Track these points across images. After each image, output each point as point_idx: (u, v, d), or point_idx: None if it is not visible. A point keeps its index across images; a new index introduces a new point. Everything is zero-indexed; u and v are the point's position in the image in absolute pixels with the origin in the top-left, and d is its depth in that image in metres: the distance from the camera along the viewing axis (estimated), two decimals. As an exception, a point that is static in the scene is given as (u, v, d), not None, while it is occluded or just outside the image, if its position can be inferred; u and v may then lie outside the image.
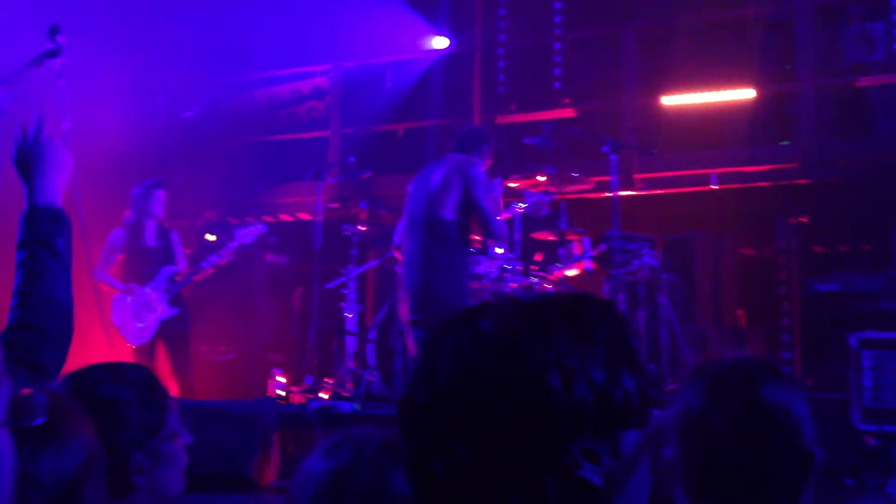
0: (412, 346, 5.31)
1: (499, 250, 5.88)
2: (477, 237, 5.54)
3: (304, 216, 7.96)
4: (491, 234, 5.29)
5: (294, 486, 1.62)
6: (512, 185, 6.32)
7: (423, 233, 5.21)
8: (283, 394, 5.94)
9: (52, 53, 3.94)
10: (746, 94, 7.42)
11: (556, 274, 6.01)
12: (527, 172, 6.29)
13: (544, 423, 0.99)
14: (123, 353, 6.06)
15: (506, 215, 6.16)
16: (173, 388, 6.11)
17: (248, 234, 6.40)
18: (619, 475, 1.02)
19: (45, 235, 2.02)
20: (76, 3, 6.71)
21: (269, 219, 8.35)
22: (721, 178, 7.38)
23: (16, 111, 3.97)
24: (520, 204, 6.09)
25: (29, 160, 2.11)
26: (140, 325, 6.17)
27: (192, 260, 6.50)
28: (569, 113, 7.76)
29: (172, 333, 6.26)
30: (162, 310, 6.22)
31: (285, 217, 8.39)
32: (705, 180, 7.41)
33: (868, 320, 5.25)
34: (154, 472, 1.72)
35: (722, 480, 1.60)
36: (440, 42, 8.30)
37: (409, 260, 5.25)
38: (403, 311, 5.28)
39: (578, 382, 1.00)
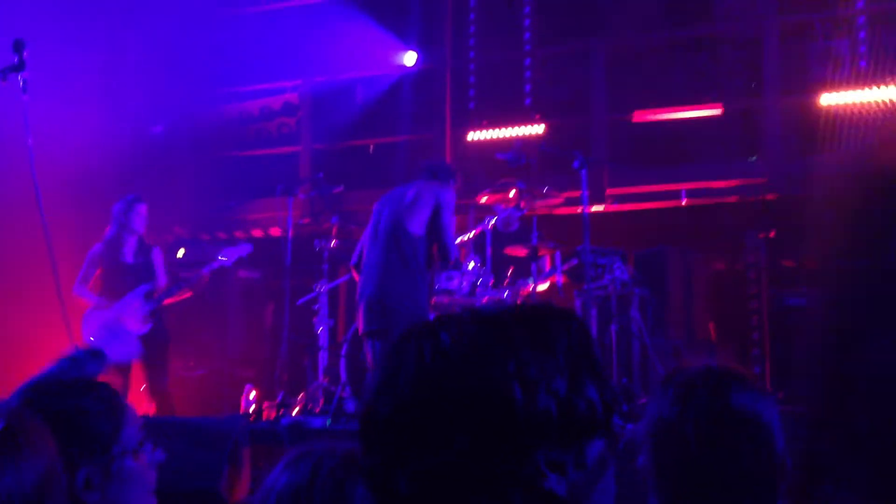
0: (369, 359, 5.35)
1: (470, 265, 5.89)
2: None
3: (276, 232, 7.92)
4: (446, 258, 5.37)
5: (256, 501, 1.59)
6: (483, 200, 6.33)
7: (387, 245, 5.27)
8: (255, 410, 5.88)
9: (16, 68, 3.91)
10: (714, 110, 7.50)
11: (528, 289, 6.02)
12: (498, 188, 6.29)
13: (507, 435, 0.98)
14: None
15: (477, 230, 6.18)
16: (150, 406, 6.05)
17: (234, 252, 6.35)
18: (583, 485, 1.02)
19: None
20: (44, 18, 6.65)
21: (240, 234, 8.31)
22: (691, 194, 7.44)
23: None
24: (491, 219, 6.09)
25: None
26: (115, 341, 6.07)
27: (171, 278, 6.43)
28: (539, 129, 7.79)
29: (149, 351, 6.19)
30: (135, 327, 6.15)
31: (256, 233, 8.34)
32: (675, 195, 7.47)
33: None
34: (107, 489, 1.68)
35: (695, 488, 1.60)
36: (410, 58, 8.32)
37: (369, 272, 5.31)
38: (360, 324, 5.30)
39: (541, 393, 0.99)
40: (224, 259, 6.30)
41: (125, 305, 6.17)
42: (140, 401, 6.13)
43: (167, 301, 6.27)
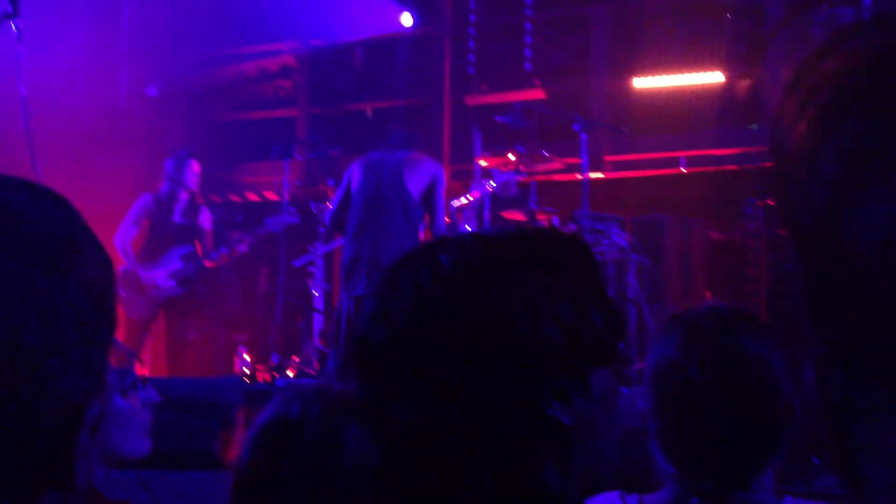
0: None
1: (467, 229, 5.85)
2: None
3: (271, 195, 7.86)
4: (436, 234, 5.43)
5: (246, 439, 1.56)
6: (482, 163, 6.29)
7: (393, 210, 5.24)
8: (249, 372, 5.87)
9: (10, 16, 3.83)
10: (716, 77, 7.43)
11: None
12: (496, 151, 6.25)
13: (509, 362, 0.94)
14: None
15: (475, 194, 6.13)
16: (165, 364, 6.07)
17: (278, 222, 6.31)
18: (589, 415, 0.98)
19: None
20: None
21: (235, 198, 8.25)
22: (690, 161, 7.39)
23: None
24: (489, 182, 6.05)
25: None
26: (141, 300, 6.09)
27: (215, 240, 6.42)
28: (539, 94, 7.72)
29: (176, 312, 6.22)
30: (168, 288, 6.16)
31: (252, 196, 8.28)
32: (675, 163, 7.42)
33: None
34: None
35: (698, 430, 1.56)
36: (406, 19, 8.22)
37: (372, 234, 5.25)
38: (359, 285, 5.25)
39: (545, 319, 0.95)
40: (272, 226, 6.29)
41: (163, 265, 6.16)
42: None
43: (207, 265, 6.27)
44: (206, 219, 6.43)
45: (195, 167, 6.32)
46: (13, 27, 3.78)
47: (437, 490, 0.97)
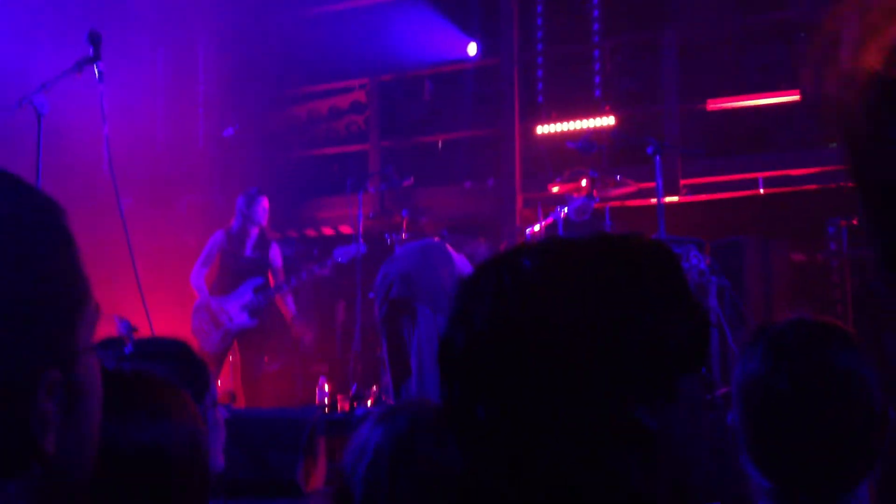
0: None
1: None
2: None
3: (346, 229, 7.95)
4: None
5: (347, 456, 1.56)
6: (554, 189, 6.26)
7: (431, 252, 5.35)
8: (329, 402, 5.90)
9: (92, 59, 3.98)
10: (792, 97, 7.30)
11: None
12: (569, 177, 6.22)
13: (592, 367, 0.92)
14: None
15: (548, 220, 6.10)
16: (239, 397, 6.17)
17: (346, 253, 6.43)
18: (674, 421, 0.95)
19: None
20: (117, 17, 6.78)
21: (311, 232, 8.37)
22: (768, 182, 7.25)
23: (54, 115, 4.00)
24: (563, 209, 6.02)
25: None
26: (215, 333, 6.24)
27: (285, 275, 6.57)
28: (610, 121, 7.68)
29: (249, 344, 6.34)
30: (240, 319, 6.29)
31: (327, 230, 8.39)
32: (752, 184, 7.29)
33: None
34: None
35: (790, 445, 1.52)
36: (472, 48, 8.29)
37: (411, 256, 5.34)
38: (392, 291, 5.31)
39: (628, 323, 0.93)
40: (339, 258, 6.39)
41: (235, 298, 6.30)
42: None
43: (279, 294, 6.38)
44: (276, 254, 6.56)
45: (265, 203, 6.47)
46: (95, 71, 3.92)
47: (519, 493, 0.95)
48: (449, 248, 5.48)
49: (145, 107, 8.09)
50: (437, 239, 5.70)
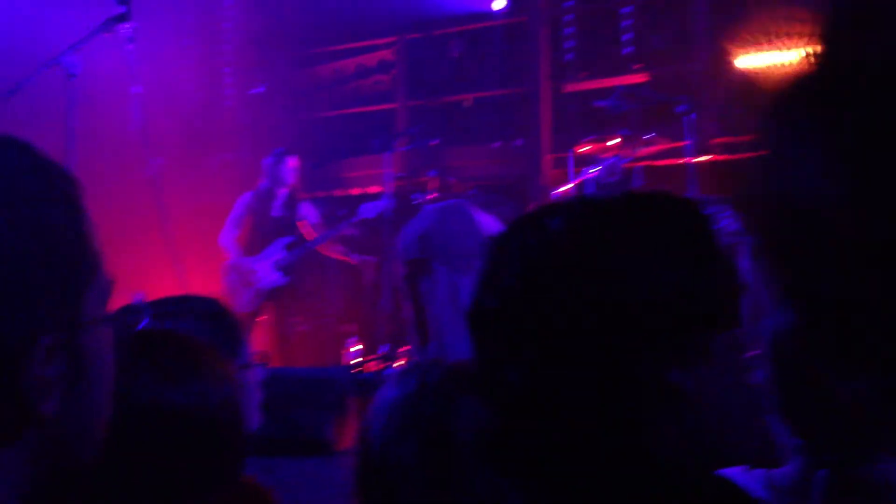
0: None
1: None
2: None
3: (374, 189, 7.95)
4: None
5: (367, 417, 1.60)
6: (583, 150, 6.21)
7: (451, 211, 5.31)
8: (359, 362, 5.95)
9: (122, 18, 3.97)
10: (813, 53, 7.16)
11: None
12: (598, 137, 6.16)
13: (624, 325, 0.91)
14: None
15: (577, 180, 6.06)
16: (273, 356, 6.23)
17: (372, 208, 6.44)
18: (709, 380, 0.94)
19: None
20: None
21: (339, 192, 8.37)
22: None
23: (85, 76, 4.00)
24: (592, 168, 5.97)
25: None
26: (247, 292, 6.28)
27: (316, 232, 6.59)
28: (641, 79, 7.58)
29: (281, 303, 6.38)
30: (271, 279, 6.33)
31: (354, 190, 8.38)
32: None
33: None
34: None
35: (823, 399, 1.50)
36: (498, 2, 8.19)
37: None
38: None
39: (659, 279, 0.91)
40: (365, 213, 6.40)
41: (265, 257, 6.33)
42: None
43: (309, 250, 6.40)
44: (307, 212, 6.56)
45: (292, 163, 6.47)
46: (125, 29, 3.91)
47: (549, 455, 0.95)
48: (473, 208, 5.45)
49: (173, 64, 8.07)
50: (462, 199, 5.66)
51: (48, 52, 3.92)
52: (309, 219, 6.55)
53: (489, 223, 5.48)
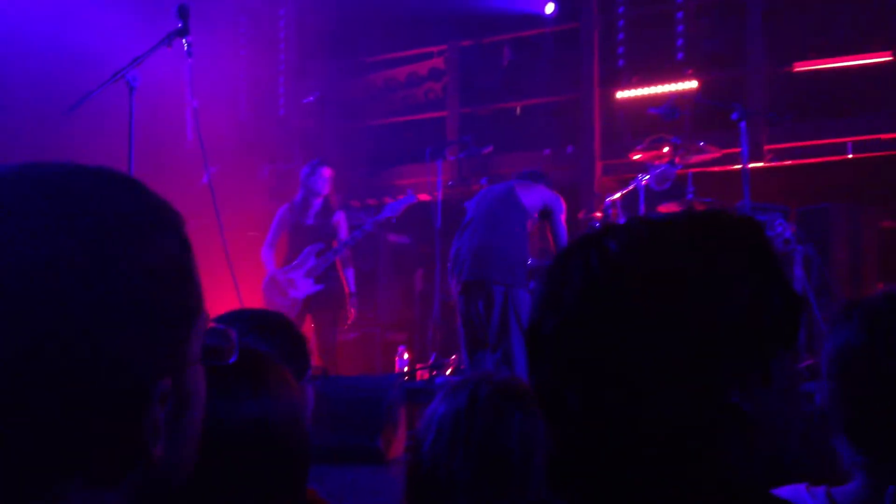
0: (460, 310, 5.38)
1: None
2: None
3: (424, 197, 7.98)
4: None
5: (418, 429, 1.62)
6: (636, 157, 6.17)
7: (499, 212, 5.31)
8: (408, 370, 5.96)
9: (181, 32, 4.05)
10: (883, 58, 7.03)
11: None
12: (651, 144, 6.12)
13: (686, 346, 0.90)
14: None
15: (629, 188, 6.02)
16: (321, 365, 6.27)
17: (398, 205, 6.49)
18: (769, 402, 0.94)
19: None
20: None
21: (389, 200, 8.42)
22: (857, 147, 7.03)
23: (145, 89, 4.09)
24: (644, 176, 5.93)
25: None
26: (285, 303, 6.34)
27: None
28: (693, 84, 7.52)
29: (320, 311, 6.42)
30: (305, 287, 6.38)
31: (405, 198, 8.43)
32: (841, 149, 7.07)
33: None
34: None
35: (888, 415, 1.49)
36: (549, 7, 8.19)
37: (481, 230, 5.31)
38: (463, 272, 5.30)
39: (722, 299, 0.91)
40: (391, 211, 6.43)
41: (299, 266, 6.39)
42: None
43: (339, 255, 6.43)
44: (341, 221, 6.59)
45: (325, 173, 6.50)
46: (184, 44, 3.98)
47: (610, 479, 0.95)
48: (519, 192, 5.44)
49: (228, 75, 8.19)
50: (505, 184, 5.64)
51: (111, 66, 4.01)
52: (342, 226, 6.57)
53: (539, 197, 5.52)
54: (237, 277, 4.41)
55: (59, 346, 0.72)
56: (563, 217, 5.52)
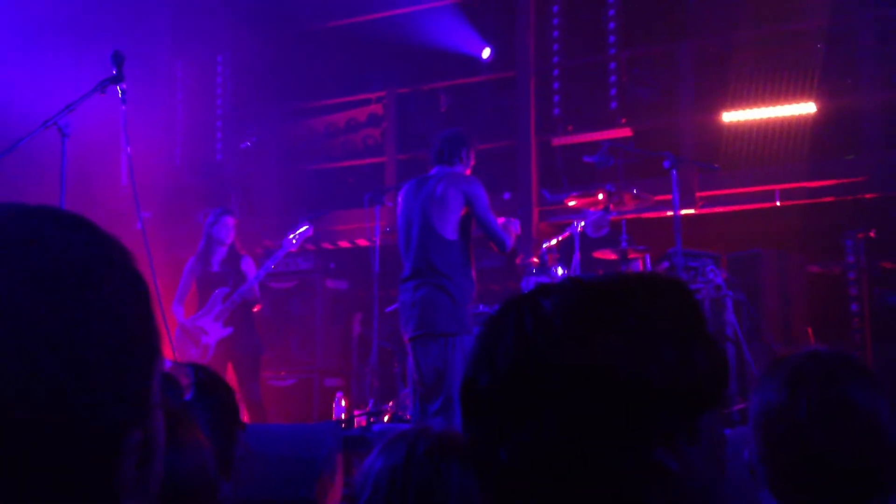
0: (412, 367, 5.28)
1: (559, 271, 5.83)
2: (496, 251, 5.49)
3: (363, 242, 7.98)
4: (502, 248, 5.27)
5: (355, 484, 1.61)
6: (571, 203, 6.27)
7: (425, 253, 5.17)
8: (345, 417, 5.91)
9: (115, 79, 4.02)
10: (808, 108, 7.28)
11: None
12: (586, 191, 6.22)
13: (613, 406, 0.92)
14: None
15: (564, 234, 6.11)
16: (243, 414, 6.16)
17: (294, 239, 6.47)
18: (695, 461, 0.96)
19: None
20: (136, 31, 6.84)
21: (328, 246, 8.40)
22: (785, 195, 7.23)
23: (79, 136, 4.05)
24: (579, 222, 6.02)
25: None
26: (197, 352, 6.26)
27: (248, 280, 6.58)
28: (626, 132, 7.69)
29: (239, 357, 6.34)
30: (216, 332, 6.30)
31: (344, 244, 8.42)
32: (769, 197, 7.27)
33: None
34: None
35: (812, 477, 1.53)
36: (486, 52, 8.32)
37: (417, 283, 5.21)
38: (408, 329, 5.24)
39: (648, 362, 0.94)
40: (286, 245, 6.41)
41: (206, 312, 6.33)
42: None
43: (246, 297, 6.35)
44: (248, 266, 6.54)
45: (230, 222, 6.49)
46: (118, 90, 3.96)
47: None
48: (442, 191, 5.23)
49: (164, 120, 8.13)
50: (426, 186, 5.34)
51: (44, 112, 3.97)
52: (249, 272, 6.53)
53: (455, 190, 5.24)
54: (170, 324, 4.34)
55: (22, 401, 0.69)
56: (483, 204, 5.19)
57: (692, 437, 0.96)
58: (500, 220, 5.32)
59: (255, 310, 6.53)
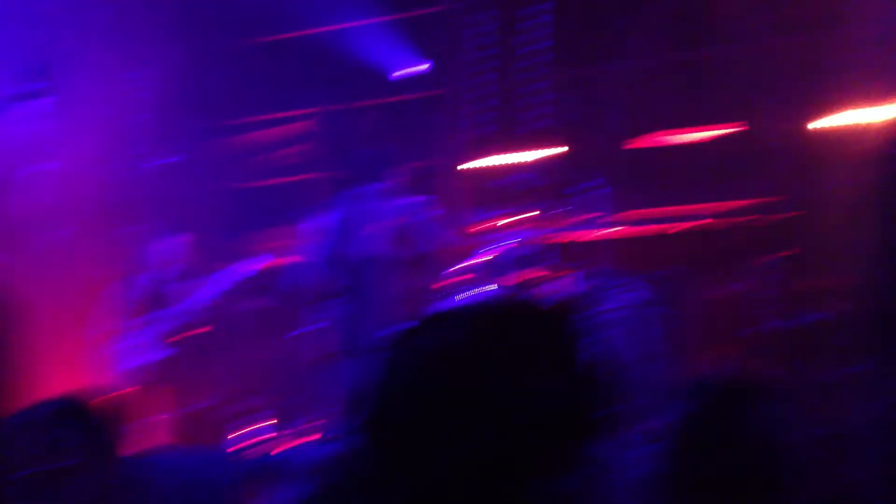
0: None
1: (489, 287, 5.87)
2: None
3: (289, 259, 7.90)
4: (431, 268, 5.36)
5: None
6: (497, 225, 6.32)
7: (354, 270, 5.21)
8: (267, 438, 5.85)
9: (39, 93, 3.94)
10: (733, 130, 7.48)
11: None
12: (511, 212, 6.28)
13: (503, 437, 0.95)
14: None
15: (493, 253, 6.15)
16: (162, 435, 6.07)
17: (248, 272, 6.43)
18: (588, 485, 0.98)
19: None
20: (59, 45, 6.71)
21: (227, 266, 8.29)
22: (713, 214, 7.41)
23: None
24: (507, 242, 6.07)
25: None
26: (133, 372, 6.17)
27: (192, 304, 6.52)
28: (556, 152, 7.78)
29: (172, 379, 6.27)
30: (152, 354, 6.21)
31: (271, 261, 8.32)
32: (697, 216, 7.43)
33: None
34: None
35: (713, 495, 1.56)
36: (418, 68, 8.38)
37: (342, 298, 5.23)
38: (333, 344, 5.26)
39: (538, 393, 0.96)
40: (238, 275, 6.38)
41: (144, 334, 6.25)
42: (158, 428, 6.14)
43: (180, 323, 6.31)
44: (191, 287, 6.50)
45: (177, 241, 6.45)
46: (42, 104, 3.89)
47: None
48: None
49: (89, 136, 7.96)
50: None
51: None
52: (193, 293, 6.47)
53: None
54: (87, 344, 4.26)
55: None
56: (414, 223, 5.18)
57: (585, 463, 0.98)
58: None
59: (192, 332, 6.45)
